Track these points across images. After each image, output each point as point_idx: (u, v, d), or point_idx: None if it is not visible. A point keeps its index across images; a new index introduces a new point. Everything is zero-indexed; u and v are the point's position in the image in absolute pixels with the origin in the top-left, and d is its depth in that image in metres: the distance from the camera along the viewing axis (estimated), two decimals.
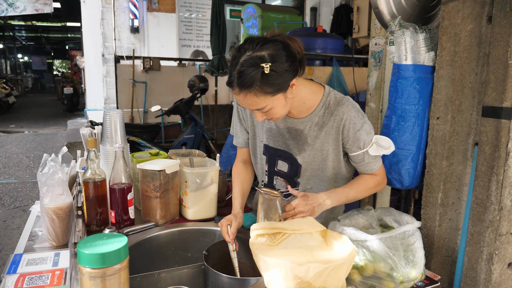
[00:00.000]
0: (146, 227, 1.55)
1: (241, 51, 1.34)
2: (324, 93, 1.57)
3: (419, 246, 1.35)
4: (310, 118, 1.57)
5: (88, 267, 0.82)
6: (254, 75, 1.29)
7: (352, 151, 1.56)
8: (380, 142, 1.55)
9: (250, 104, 1.37)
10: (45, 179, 1.52)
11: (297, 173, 1.67)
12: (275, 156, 1.70)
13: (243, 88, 1.32)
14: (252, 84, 1.30)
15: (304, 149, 1.61)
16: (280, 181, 1.74)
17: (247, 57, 1.31)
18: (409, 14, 2.13)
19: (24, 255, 1.44)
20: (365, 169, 1.60)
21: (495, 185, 1.69)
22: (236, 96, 1.38)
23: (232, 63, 1.35)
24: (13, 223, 4.49)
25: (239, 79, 1.31)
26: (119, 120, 1.66)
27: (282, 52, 1.33)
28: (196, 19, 8.81)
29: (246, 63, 1.30)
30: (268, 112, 1.41)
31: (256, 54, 1.31)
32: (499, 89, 1.68)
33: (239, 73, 1.31)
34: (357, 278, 1.29)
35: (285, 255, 1.05)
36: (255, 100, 1.34)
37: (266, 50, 1.31)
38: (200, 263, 1.34)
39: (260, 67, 1.28)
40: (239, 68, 1.31)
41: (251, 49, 1.32)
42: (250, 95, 1.33)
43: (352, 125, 1.51)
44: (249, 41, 1.35)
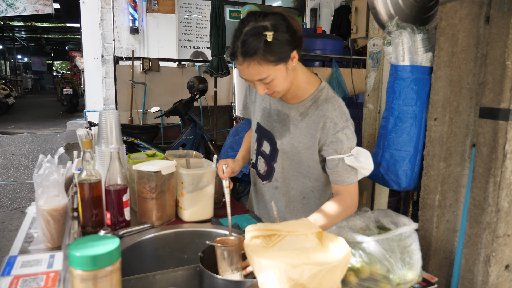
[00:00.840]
0: (142, 228, 1.55)
1: (244, 23, 1.38)
2: (318, 87, 1.58)
3: (416, 248, 1.34)
4: (297, 106, 1.59)
5: (79, 269, 0.81)
6: (258, 43, 1.33)
7: (328, 153, 1.53)
8: (360, 156, 1.49)
9: (253, 74, 1.40)
10: (41, 180, 1.51)
11: (274, 157, 1.68)
12: (262, 136, 1.73)
13: (246, 57, 1.35)
14: (255, 52, 1.33)
15: (285, 135, 1.62)
16: (261, 163, 1.76)
17: (251, 27, 1.35)
18: (407, 15, 2.12)
19: (18, 257, 1.43)
20: (337, 178, 1.54)
21: (492, 186, 1.68)
22: (239, 66, 1.40)
23: (236, 35, 1.39)
24: (11, 225, 4.49)
25: (242, 48, 1.35)
26: (114, 121, 1.65)
27: (283, 23, 1.37)
28: (196, 20, 8.80)
29: (250, 32, 1.34)
30: (270, 84, 1.43)
31: (259, 24, 1.35)
32: (496, 90, 1.67)
33: (242, 42, 1.35)
34: (353, 280, 1.29)
35: (280, 257, 1.04)
36: (258, 69, 1.37)
37: (268, 21, 1.35)
38: (196, 265, 1.33)
39: (263, 35, 1.32)
40: (242, 37, 1.35)
41: (254, 20, 1.36)
42: (254, 63, 1.36)
43: (332, 125, 1.49)
44: (251, 14, 1.40)
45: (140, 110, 6.58)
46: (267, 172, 1.74)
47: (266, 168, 1.74)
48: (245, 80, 1.48)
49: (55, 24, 20.18)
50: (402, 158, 2.01)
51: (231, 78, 7.06)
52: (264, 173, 1.75)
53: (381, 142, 2.12)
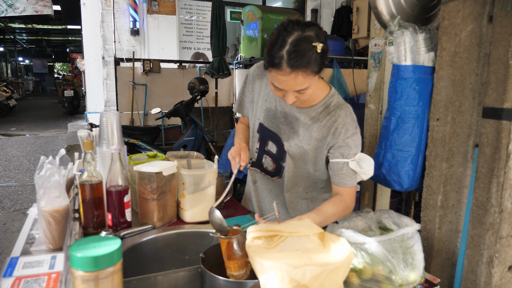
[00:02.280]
0: (143, 229, 1.54)
1: (287, 31, 1.34)
2: (329, 93, 1.61)
3: (418, 248, 1.33)
4: (308, 111, 1.60)
5: (81, 270, 0.81)
6: (310, 54, 1.31)
7: (334, 156, 1.56)
8: (362, 162, 1.54)
9: (295, 85, 1.37)
10: (42, 182, 1.51)
11: (283, 157, 1.70)
12: (267, 137, 1.73)
13: (297, 68, 1.32)
14: (309, 62, 1.31)
15: (293, 137, 1.64)
16: (268, 161, 1.77)
17: (298, 36, 1.32)
18: (409, 14, 2.12)
19: (20, 258, 1.43)
20: (339, 181, 1.59)
21: (496, 187, 1.67)
22: (282, 76, 1.36)
23: (276, 43, 1.34)
24: (13, 226, 4.48)
25: (293, 59, 1.31)
26: (115, 122, 1.65)
27: (321, 32, 1.36)
28: (197, 21, 8.80)
29: (299, 43, 1.31)
30: (303, 93, 1.42)
31: (306, 34, 1.32)
32: (499, 90, 1.66)
33: (293, 52, 1.31)
34: (355, 281, 1.28)
35: (282, 258, 1.03)
36: (303, 79, 1.35)
37: (312, 31, 1.33)
38: (197, 266, 1.33)
39: (313, 46, 1.30)
40: (290, 48, 1.31)
41: (298, 30, 1.33)
42: (302, 74, 1.33)
43: (344, 131, 1.53)
44: (291, 23, 1.36)
45: (141, 111, 6.58)
46: (276, 170, 1.77)
47: (274, 166, 1.76)
48: (275, 88, 1.44)
49: (56, 26, 20.21)
50: (404, 159, 2.01)
51: (231, 79, 7.05)
52: (273, 170, 1.78)
53: (383, 143, 2.11)
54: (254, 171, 1.86)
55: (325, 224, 1.51)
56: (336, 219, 1.54)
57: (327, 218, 1.51)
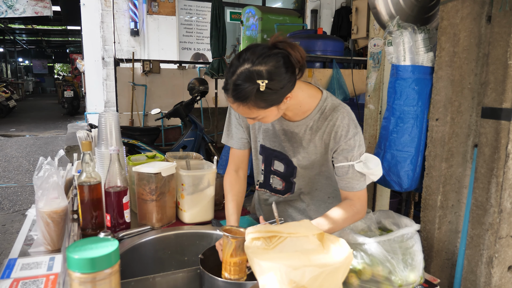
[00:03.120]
0: (142, 230, 1.54)
1: (239, 61, 1.31)
2: (322, 98, 1.55)
3: (418, 249, 1.33)
4: (305, 122, 1.55)
5: (78, 272, 0.80)
6: (250, 90, 1.27)
7: (338, 161, 1.50)
8: (368, 162, 1.48)
9: (242, 113, 1.37)
10: (41, 183, 1.50)
11: (293, 173, 1.66)
12: (271, 157, 1.69)
13: (237, 100, 1.31)
14: (246, 98, 1.28)
15: (299, 151, 1.60)
16: (277, 180, 1.73)
17: (245, 70, 1.28)
18: (408, 14, 2.11)
19: (18, 259, 1.42)
20: (347, 185, 1.51)
21: (495, 187, 1.67)
22: (230, 103, 1.37)
23: (229, 70, 1.33)
24: (12, 227, 4.48)
25: (234, 91, 1.30)
26: (114, 122, 1.64)
27: (281, 69, 1.30)
28: (196, 22, 8.80)
29: (243, 76, 1.28)
30: (260, 120, 1.41)
31: (254, 68, 1.27)
32: (498, 90, 1.66)
33: (235, 85, 1.29)
34: (355, 282, 1.28)
35: (281, 259, 1.03)
36: (247, 111, 1.34)
37: (265, 65, 1.28)
38: (196, 267, 1.32)
39: (256, 83, 1.26)
40: (235, 79, 1.29)
41: (251, 61, 1.29)
42: (243, 107, 1.33)
43: (344, 133, 1.47)
44: (250, 51, 1.32)
45: (141, 112, 6.58)
46: (286, 187, 1.72)
47: (284, 184, 1.72)
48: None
49: (56, 27, 20.22)
50: (404, 159, 2.00)
51: None
52: (284, 188, 1.73)
53: (382, 143, 2.11)
54: (263, 192, 1.83)
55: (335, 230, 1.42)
56: (347, 224, 1.45)
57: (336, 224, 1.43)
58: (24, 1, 7.05)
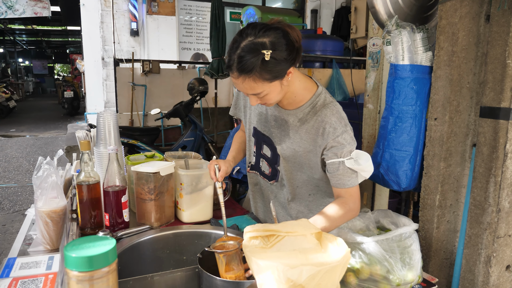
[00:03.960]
0: (140, 230, 1.54)
1: (242, 36, 1.35)
2: (316, 93, 1.57)
3: (416, 248, 1.33)
4: (295, 112, 1.58)
5: (75, 270, 0.80)
6: (255, 61, 1.30)
7: (328, 157, 1.51)
8: (359, 159, 1.49)
9: (247, 89, 1.38)
10: (40, 182, 1.51)
11: (277, 161, 1.70)
12: (261, 140, 1.73)
13: (242, 73, 1.33)
14: (252, 69, 1.31)
15: (284, 140, 1.63)
16: (265, 164, 1.77)
17: (249, 42, 1.32)
18: (406, 14, 2.11)
19: (17, 258, 1.43)
20: (338, 182, 1.52)
21: (493, 186, 1.67)
22: (234, 79, 1.38)
23: (233, 47, 1.36)
24: (12, 227, 4.48)
25: (239, 64, 1.32)
26: (113, 122, 1.65)
27: (282, 40, 1.34)
28: (196, 22, 8.80)
29: (247, 48, 1.31)
30: (264, 98, 1.42)
31: (258, 40, 1.32)
32: (497, 89, 1.66)
33: (239, 57, 1.32)
34: (353, 281, 1.28)
35: (278, 258, 1.03)
36: (252, 85, 1.36)
37: (267, 37, 1.32)
38: (194, 266, 1.33)
39: (261, 53, 1.30)
40: (239, 52, 1.32)
41: (253, 35, 1.33)
42: (249, 80, 1.34)
43: (332, 130, 1.49)
44: (251, 26, 1.36)
45: (141, 112, 6.58)
46: (272, 173, 1.76)
47: (270, 170, 1.76)
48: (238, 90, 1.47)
49: (55, 27, 20.22)
50: (402, 158, 2.00)
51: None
52: (270, 174, 1.77)
53: (381, 142, 2.11)
54: (254, 174, 1.86)
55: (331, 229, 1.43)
56: (342, 223, 1.47)
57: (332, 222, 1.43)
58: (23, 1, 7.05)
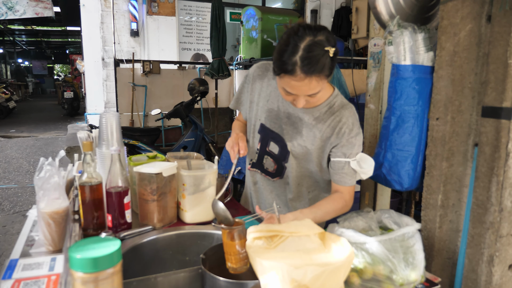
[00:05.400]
0: (143, 230, 1.54)
1: (298, 36, 1.32)
2: (333, 94, 1.61)
3: (419, 248, 1.33)
4: (312, 111, 1.60)
5: (80, 271, 0.81)
6: (324, 59, 1.30)
7: (336, 156, 1.57)
8: (362, 162, 1.57)
9: (310, 89, 1.37)
10: (42, 183, 1.51)
11: (285, 157, 1.71)
12: (268, 137, 1.73)
13: (312, 73, 1.32)
14: (323, 68, 1.31)
15: (296, 138, 1.64)
16: (269, 161, 1.77)
17: (311, 42, 1.31)
18: (408, 14, 2.11)
19: (20, 260, 1.42)
20: (340, 179, 1.61)
21: (495, 186, 1.67)
22: (296, 82, 1.35)
23: (287, 49, 1.33)
24: (12, 228, 4.48)
25: (307, 65, 1.30)
26: (115, 122, 1.64)
27: (332, 37, 1.35)
28: (196, 22, 8.81)
29: (312, 48, 1.30)
30: (313, 97, 1.42)
31: (318, 38, 1.31)
32: (499, 89, 1.66)
33: (306, 58, 1.30)
34: (356, 281, 1.28)
35: (282, 258, 1.03)
36: (315, 85, 1.35)
37: (323, 35, 1.32)
38: (198, 267, 1.33)
39: (326, 51, 1.30)
40: (303, 54, 1.30)
41: (311, 35, 1.32)
42: (316, 79, 1.33)
43: (348, 131, 1.55)
44: (302, 27, 1.34)
45: (141, 112, 6.58)
46: (277, 170, 1.77)
47: (276, 167, 1.76)
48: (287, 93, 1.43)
49: (55, 28, 20.21)
50: (404, 158, 2.00)
51: (231, 80, 7.04)
52: (274, 171, 1.78)
53: (383, 142, 2.11)
54: (254, 172, 1.86)
55: (324, 219, 1.55)
56: (335, 215, 1.56)
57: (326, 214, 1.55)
58: (24, 2, 7.05)
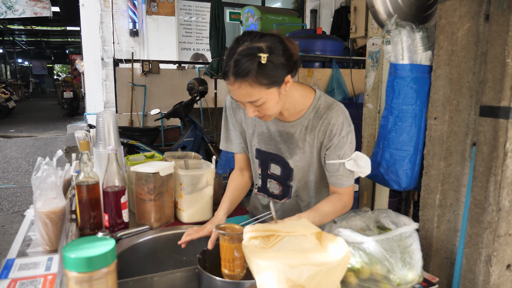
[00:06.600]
0: (140, 230, 1.53)
1: (239, 42, 1.33)
2: (315, 97, 1.56)
3: (417, 248, 1.33)
4: (300, 122, 1.56)
5: (74, 271, 0.80)
6: (251, 64, 1.27)
7: (330, 158, 1.53)
8: (359, 160, 1.53)
9: (243, 95, 1.34)
10: (39, 183, 1.50)
11: (289, 176, 1.66)
12: (267, 160, 1.69)
13: (238, 77, 1.30)
14: (248, 73, 1.28)
15: (296, 152, 1.60)
16: (274, 184, 1.73)
17: (245, 47, 1.30)
18: (406, 13, 2.11)
19: (16, 259, 1.42)
20: (336, 181, 1.56)
21: (493, 185, 1.66)
22: (230, 86, 1.35)
23: (229, 54, 1.34)
24: (11, 228, 4.48)
25: (235, 68, 1.29)
26: (112, 122, 1.64)
27: (279, 45, 1.33)
28: (196, 22, 8.81)
29: (243, 52, 1.29)
30: (261, 107, 1.38)
31: (254, 45, 1.30)
32: (496, 88, 1.66)
33: (235, 61, 1.29)
34: (353, 281, 1.27)
35: (278, 258, 1.03)
36: (249, 91, 1.32)
37: (264, 42, 1.31)
38: (194, 267, 1.32)
39: (257, 56, 1.27)
40: (236, 57, 1.30)
41: (249, 40, 1.31)
42: (245, 84, 1.31)
43: (339, 131, 1.50)
44: (247, 33, 1.35)
45: (140, 112, 6.58)
46: (283, 192, 1.72)
47: (281, 188, 1.72)
48: (235, 100, 1.44)
49: (55, 28, 20.21)
50: (402, 158, 2.00)
51: None
52: (280, 193, 1.74)
53: (381, 142, 2.11)
54: (262, 196, 1.83)
55: (324, 222, 1.49)
56: (335, 217, 1.51)
57: (325, 216, 1.50)
58: (23, 1, 7.05)
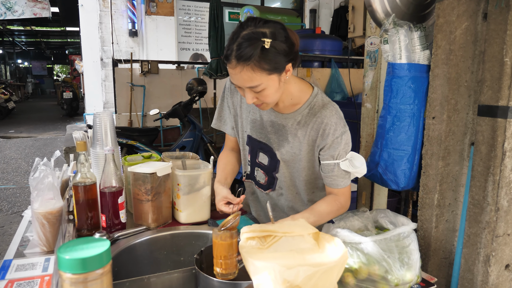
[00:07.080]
0: (137, 231, 1.53)
1: (243, 27, 1.34)
2: (312, 94, 1.56)
3: (415, 248, 1.32)
4: (293, 115, 1.56)
5: (69, 272, 0.80)
6: (254, 48, 1.28)
7: (324, 159, 1.53)
8: (354, 161, 1.51)
9: (244, 80, 1.34)
10: (36, 183, 1.50)
11: (275, 168, 1.66)
12: (257, 148, 1.69)
13: (240, 61, 1.30)
14: (250, 56, 1.29)
15: (283, 145, 1.60)
16: (260, 173, 1.74)
17: (249, 31, 1.32)
18: (404, 12, 2.10)
19: (13, 260, 1.42)
20: (332, 182, 1.55)
21: (492, 185, 1.66)
22: (231, 70, 1.36)
23: (232, 38, 1.35)
24: (10, 229, 4.48)
25: (237, 51, 1.30)
26: (109, 122, 1.64)
27: (282, 32, 1.34)
28: (195, 22, 8.80)
29: (247, 36, 1.31)
30: (261, 94, 1.38)
31: (258, 30, 1.31)
32: (495, 88, 1.66)
33: (238, 45, 1.30)
34: (351, 281, 1.27)
35: (275, 258, 1.02)
36: (250, 75, 1.32)
37: (267, 28, 1.32)
38: (191, 267, 1.32)
39: (261, 41, 1.29)
40: (239, 40, 1.31)
41: (253, 26, 1.33)
42: (247, 68, 1.31)
43: (332, 131, 1.49)
44: (251, 19, 1.36)
45: (140, 112, 6.57)
46: (268, 182, 1.72)
47: (266, 179, 1.72)
48: (235, 86, 1.43)
49: (54, 28, 20.20)
50: (400, 158, 2.00)
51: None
52: (265, 183, 1.73)
53: (379, 142, 2.10)
54: (249, 183, 1.83)
55: (320, 223, 1.49)
56: (331, 218, 1.51)
57: (321, 217, 1.49)
58: (22, 2, 7.05)
